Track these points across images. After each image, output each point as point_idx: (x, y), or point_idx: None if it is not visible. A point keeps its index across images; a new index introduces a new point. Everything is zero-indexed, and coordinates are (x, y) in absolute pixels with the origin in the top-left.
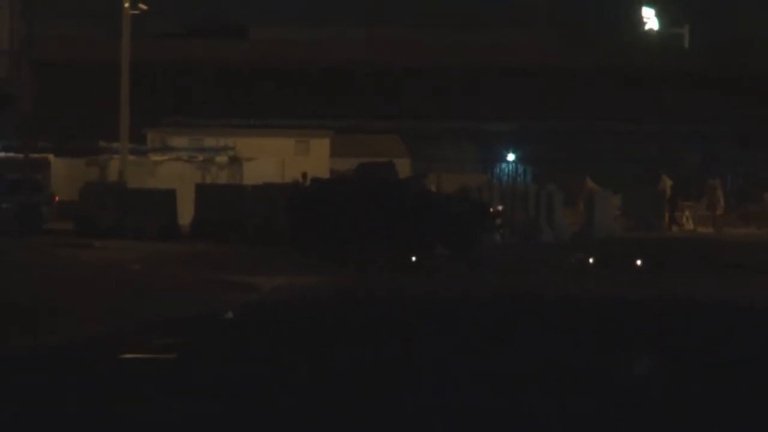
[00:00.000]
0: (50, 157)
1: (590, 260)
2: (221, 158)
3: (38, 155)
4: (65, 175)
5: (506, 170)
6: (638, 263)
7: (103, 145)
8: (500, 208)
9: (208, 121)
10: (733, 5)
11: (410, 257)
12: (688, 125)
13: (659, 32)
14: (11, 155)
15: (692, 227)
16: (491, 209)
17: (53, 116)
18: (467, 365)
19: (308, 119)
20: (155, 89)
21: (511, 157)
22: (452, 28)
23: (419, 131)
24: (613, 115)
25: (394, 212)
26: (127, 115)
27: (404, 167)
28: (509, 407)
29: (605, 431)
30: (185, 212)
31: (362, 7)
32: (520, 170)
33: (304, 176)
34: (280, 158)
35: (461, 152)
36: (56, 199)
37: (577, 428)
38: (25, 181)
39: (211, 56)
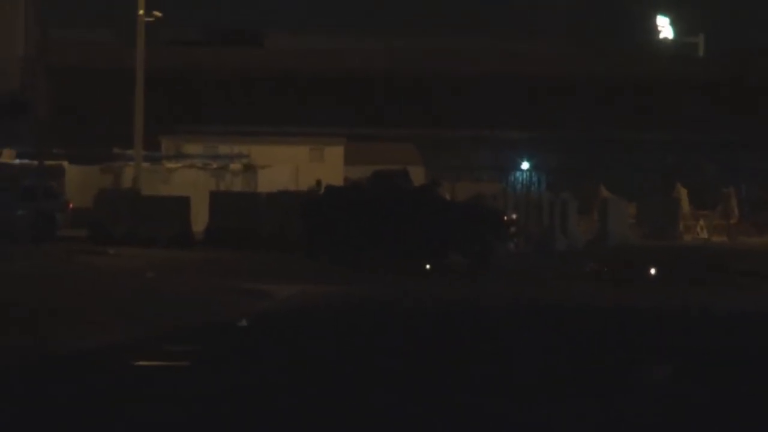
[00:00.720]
0: (65, 163)
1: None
2: (236, 166)
3: (53, 162)
4: (80, 181)
5: (521, 178)
6: (652, 272)
7: (117, 152)
8: (514, 216)
9: (222, 128)
10: (748, 14)
11: (424, 265)
12: (702, 134)
13: (674, 41)
14: (26, 162)
15: (706, 236)
16: (505, 217)
17: (68, 123)
18: (479, 372)
19: (322, 127)
20: (170, 96)
21: (525, 165)
22: (467, 35)
23: (434, 139)
24: (627, 123)
25: (408, 220)
26: (141, 122)
27: (418, 175)
28: (525, 415)
29: None
30: (199, 220)
31: (378, 14)
32: (534, 179)
33: (318, 184)
34: (294, 166)
35: (476, 160)
36: (70, 206)
37: None
38: (39, 187)
39: (226, 64)
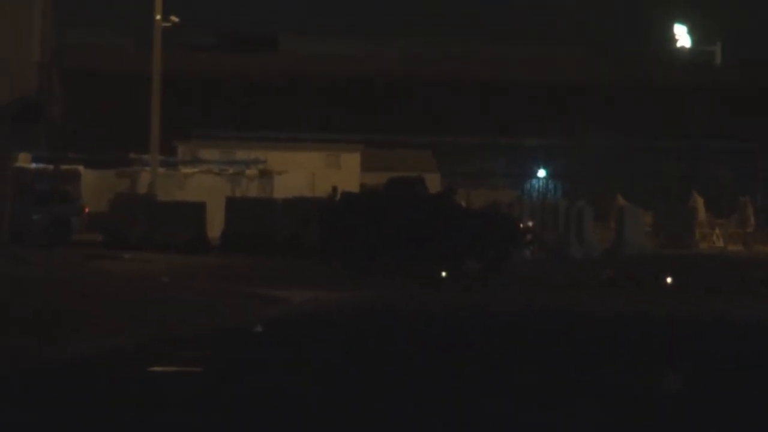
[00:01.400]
0: (80, 168)
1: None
2: (252, 171)
3: (69, 166)
4: (95, 186)
5: (537, 186)
6: (669, 280)
7: (133, 156)
8: (530, 223)
9: (238, 133)
10: (764, 22)
11: (439, 272)
12: (719, 142)
13: (691, 49)
14: (42, 166)
15: (722, 245)
16: (521, 225)
17: (84, 127)
18: (491, 380)
19: (339, 133)
20: (186, 101)
21: (541, 172)
22: (485, 42)
23: (450, 146)
24: (644, 131)
25: (423, 227)
26: (158, 126)
27: (434, 182)
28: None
29: None
30: (215, 225)
31: (395, 19)
32: (550, 186)
33: (334, 190)
34: (310, 172)
35: (492, 168)
36: (86, 210)
37: None
38: (55, 192)
39: (242, 68)
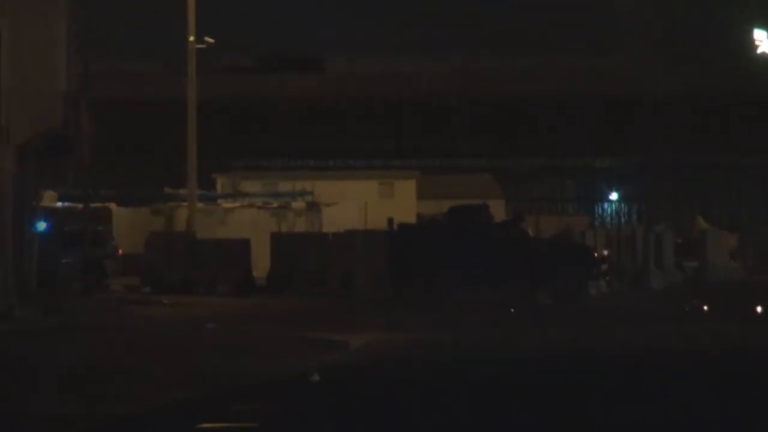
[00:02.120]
0: (112, 206)
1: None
2: (298, 204)
3: (99, 204)
4: (128, 225)
5: (609, 210)
6: (758, 309)
7: (168, 191)
8: (606, 252)
9: (282, 162)
10: None
11: (509, 308)
12: None
13: None
14: (70, 205)
15: None
16: (596, 254)
17: (114, 161)
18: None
19: (392, 159)
20: (224, 129)
21: (614, 195)
22: (549, 54)
23: (513, 169)
24: (724, 147)
25: (490, 259)
26: (194, 158)
27: (499, 209)
28: None
29: None
30: (260, 263)
31: (450, 34)
32: (624, 209)
33: (390, 222)
34: (362, 202)
35: (561, 191)
36: (119, 251)
37: None
38: (85, 233)
39: (284, 91)
